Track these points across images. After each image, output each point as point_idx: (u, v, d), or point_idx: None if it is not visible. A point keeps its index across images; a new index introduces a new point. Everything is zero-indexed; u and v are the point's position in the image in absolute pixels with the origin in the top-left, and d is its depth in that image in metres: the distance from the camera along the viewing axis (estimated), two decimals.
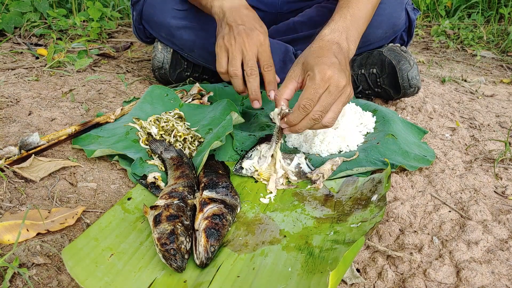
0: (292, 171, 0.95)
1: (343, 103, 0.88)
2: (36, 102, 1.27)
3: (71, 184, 0.90)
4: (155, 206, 0.74)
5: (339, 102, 0.86)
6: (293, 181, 0.93)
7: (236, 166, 0.95)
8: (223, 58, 1.00)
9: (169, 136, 1.05)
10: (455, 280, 0.69)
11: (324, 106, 0.84)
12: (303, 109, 0.84)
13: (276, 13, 1.46)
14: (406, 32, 1.40)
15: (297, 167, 0.96)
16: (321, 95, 0.83)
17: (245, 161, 0.95)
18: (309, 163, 0.97)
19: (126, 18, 2.52)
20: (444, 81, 1.71)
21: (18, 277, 0.65)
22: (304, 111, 0.84)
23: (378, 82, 1.33)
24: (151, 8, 1.34)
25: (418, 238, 0.77)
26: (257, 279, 0.66)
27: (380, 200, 0.80)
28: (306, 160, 0.97)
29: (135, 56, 1.88)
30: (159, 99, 1.22)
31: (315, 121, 0.85)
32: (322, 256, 0.69)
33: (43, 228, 0.75)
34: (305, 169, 0.96)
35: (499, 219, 0.82)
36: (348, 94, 0.87)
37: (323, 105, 0.84)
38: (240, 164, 0.96)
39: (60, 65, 1.62)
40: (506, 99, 1.57)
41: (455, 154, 1.07)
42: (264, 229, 0.78)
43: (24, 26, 2.04)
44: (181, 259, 0.66)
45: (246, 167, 0.94)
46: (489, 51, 2.25)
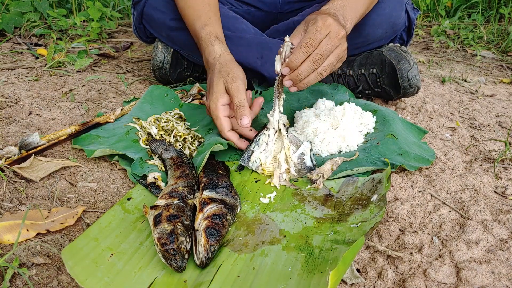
0: (294, 162, 0.94)
1: (338, 56, 0.92)
2: (36, 102, 1.27)
3: (71, 184, 0.90)
4: (155, 206, 0.74)
5: (335, 54, 0.91)
6: (293, 176, 0.93)
7: (244, 156, 0.95)
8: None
9: (169, 136, 1.05)
10: (455, 280, 0.69)
11: (323, 50, 0.88)
12: (305, 48, 0.87)
13: (276, 13, 1.46)
14: (406, 32, 1.40)
15: (300, 158, 0.94)
16: (321, 40, 0.88)
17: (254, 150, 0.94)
18: (313, 156, 0.97)
19: (126, 18, 2.52)
20: (444, 81, 1.71)
21: (18, 277, 0.65)
22: (305, 50, 0.87)
23: (378, 82, 1.33)
24: (152, 8, 1.34)
25: (418, 238, 0.77)
26: (257, 279, 0.66)
27: (380, 200, 0.80)
28: (311, 152, 0.97)
29: (135, 56, 1.88)
30: (159, 99, 1.22)
31: (315, 64, 0.88)
32: (322, 256, 0.69)
33: (43, 228, 0.75)
34: (307, 162, 0.95)
35: (499, 219, 0.82)
36: (344, 49, 0.94)
37: (323, 49, 0.88)
38: (248, 154, 0.95)
39: (60, 65, 1.62)
40: (506, 99, 1.57)
41: (455, 154, 1.07)
42: (264, 229, 0.78)
43: (24, 26, 2.04)
44: (181, 259, 0.66)
45: (254, 158, 0.93)
46: (489, 51, 2.25)
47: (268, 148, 0.95)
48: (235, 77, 0.97)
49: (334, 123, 1.08)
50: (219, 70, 1.00)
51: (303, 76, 0.90)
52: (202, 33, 1.10)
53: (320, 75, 0.91)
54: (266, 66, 1.33)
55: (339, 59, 0.94)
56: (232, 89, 0.95)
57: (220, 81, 0.97)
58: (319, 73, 0.91)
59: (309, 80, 0.92)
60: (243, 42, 1.30)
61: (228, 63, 1.01)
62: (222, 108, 0.96)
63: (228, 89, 0.96)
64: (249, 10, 1.45)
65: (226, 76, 0.97)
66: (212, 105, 0.97)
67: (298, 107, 1.25)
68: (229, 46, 1.30)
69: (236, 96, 0.95)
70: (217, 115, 0.96)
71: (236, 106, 0.94)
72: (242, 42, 1.30)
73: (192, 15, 1.14)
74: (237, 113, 0.94)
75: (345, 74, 1.37)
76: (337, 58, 0.93)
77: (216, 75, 0.99)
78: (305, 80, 0.91)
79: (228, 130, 0.97)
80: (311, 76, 0.91)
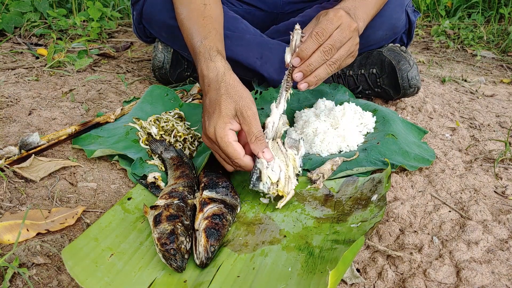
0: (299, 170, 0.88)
1: (349, 50, 0.90)
2: (36, 102, 1.27)
3: (71, 184, 0.90)
4: (155, 206, 0.74)
5: (346, 47, 0.89)
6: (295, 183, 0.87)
7: (253, 178, 0.81)
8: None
9: (169, 136, 1.05)
10: (455, 280, 0.69)
11: (334, 40, 0.87)
12: (316, 37, 0.86)
13: (277, 13, 1.46)
14: (406, 34, 1.40)
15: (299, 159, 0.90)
16: (333, 30, 0.87)
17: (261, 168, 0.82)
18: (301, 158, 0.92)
19: (126, 18, 2.52)
20: (444, 81, 1.71)
21: (18, 277, 0.65)
22: (316, 39, 0.86)
23: (378, 82, 1.33)
24: (151, 8, 1.34)
25: (418, 238, 0.77)
26: (257, 279, 0.66)
27: (380, 200, 0.80)
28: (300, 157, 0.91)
29: (135, 56, 1.88)
30: (159, 99, 1.22)
31: (325, 55, 0.87)
32: (322, 256, 0.69)
33: (43, 228, 0.75)
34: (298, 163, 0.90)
35: (499, 219, 0.82)
36: (356, 43, 0.92)
37: (334, 39, 0.87)
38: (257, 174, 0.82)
39: (60, 65, 1.62)
40: (506, 99, 1.57)
41: (455, 154, 1.07)
42: (264, 229, 0.78)
43: (24, 26, 2.04)
44: (181, 259, 0.66)
45: (265, 179, 0.81)
46: (489, 51, 2.25)
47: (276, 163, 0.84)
48: (250, 103, 0.84)
49: (334, 123, 1.08)
50: (227, 91, 0.86)
51: (313, 67, 0.88)
52: (201, 47, 0.95)
53: (330, 67, 0.89)
54: (266, 66, 1.33)
55: (350, 53, 0.92)
56: (249, 117, 0.83)
57: (230, 104, 0.84)
58: (329, 65, 0.89)
59: (319, 73, 0.89)
60: (242, 42, 1.30)
61: (237, 85, 0.88)
62: (230, 133, 0.83)
63: (244, 116, 0.83)
64: (250, 10, 1.45)
65: (238, 100, 0.84)
66: (219, 131, 0.82)
67: (298, 107, 1.25)
68: (229, 46, 1.30)
69: (255, 125, 0.83)
70: (227, 141, 0.82)
71: (255, 137, 0.83)
72: (241, 42, 1.30)
73: (191, 28, 1.02)
74: (257, 144, 0.83)
75: (345, 74, 1.37)
76: (348, 52, 0.91)
77: (224, 96, 0.85)
78: (315, 72, 0.88)
79: (245, 155, 0.84)
80: (321, 69, 0.89)
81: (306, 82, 0.90)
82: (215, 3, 1.07)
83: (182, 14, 1.06)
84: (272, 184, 0.81)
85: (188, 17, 1.04)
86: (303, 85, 0.90)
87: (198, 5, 1.03)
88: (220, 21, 1.06)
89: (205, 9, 1.03)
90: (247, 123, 0.83)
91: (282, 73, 1.35)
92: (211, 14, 1.02)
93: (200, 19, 1.01)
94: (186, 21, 1.03)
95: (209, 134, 0.85)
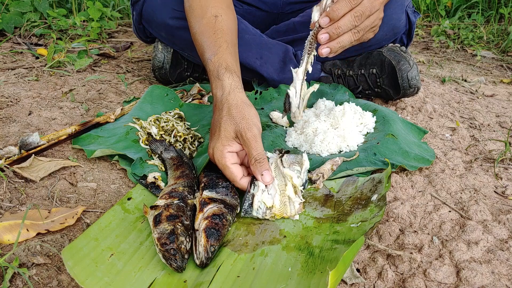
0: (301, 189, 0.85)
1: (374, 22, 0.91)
2: (36, 102, 1.28)
3: (71, 184, 0.90)
4: (155, 206, 0.74)
5: (373, 18, 0.90)
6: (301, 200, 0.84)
7: (245, 205, 0.79)
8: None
9: (169, 136, 1.05)
10: (455, 280, 0.69)
11: (365, 8, 0.87)
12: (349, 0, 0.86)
13: (277, 13, 1.46)
14: (406, 35, 1.40)
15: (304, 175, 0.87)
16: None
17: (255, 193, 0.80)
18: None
19: (126, 18, 2.52)
20: (444, 81, 1.71)
21: (18, 277, 0.65)
22: (349, 2, 0.85)
23: (378, 82, 1.33)
24: (151, 8, 1.34)
25: (418, 238, 0.77)
26: (257, 279, 0.66)
27: (380, 200, 0.80)
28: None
29: (135, 56, 1.88)
30: (159, 99, 1.22)
31: (356, 20, 0.86)
32: (322, 256, 0.69)
33: (43, 228, 0.75)
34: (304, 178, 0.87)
35: (499, 219, 0.82)
36: (381, 17, 0.93)
37: (365, 7, 0.87)
38: (249, 201, 0.79)
39: (60, 65, 1.62)
40: (506, 99, 1.57)
41: (455, 154, 1.07)
42: (264, 229, 0.78)
43: (24, 26, 2.04)
44: (181, 259, 0.66)
45: (256, 205, 0.79)
46: (489, 51, 2.25)
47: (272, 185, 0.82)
48: (251, 124, 0.83)
49: (334, 123, 1.08)
50: (229, 112, 0.85)
51: (341, 30, 0.86)
52: (210, 64, 0.94)
53: (354, 35, 0.88)
54: (266, 66, 1.33)
55: (373, 26, 0.91)
56: (249, 139, 0.82)
57: (230, 126, 0.84)
58: (354, 33, 0.88)
59: (343, 40, 0.87)
60: (242, 42, 1.30)
61: (241, 105, 0.86)
62: (228, 155, 0.83)
63: (243, 138, 0.82)
64: (250, 10, 1.45)
65: (239, 121, 0.83)
66: (217, 153, 0.83)
67: None
68: None
69: (254, 148, 0.81)
70: (224, 164, 0.83)
71: (255, 159, 0.81)
72: (241, 42, 1.30)
73: (203, 43, 0.99)
74: (256, 167, 0.81)
75: (345, 74, 1.37)
76: (373, 24, 0.90)
77: (225, 117, 0.85)
78: (340, 38, 0.86)
79: (241, 178, 0.83)
80: (346, 36, 0.87)
81: (329, 47, 0.87)
82: (227, 13, 1.04)
83: (194, 28, 1.03)
84: (268, 209, 0.79)
85: (200, 31, 1.01)
86: (325, 49, 0.87)
87: (209, 19, 1.00)
88: (233, 31, 1.03)
89: (216, 22, 1.00)
90: (247, 145, 0.82)
91: (281, 73, 1.35)
92: (222, 27, 1.00)
93: (211, 34, 0.98)
94: (198, 36, 1.01)
95: (209, 154, 0.86)
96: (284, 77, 1.35)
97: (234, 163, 0.84)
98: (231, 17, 1.06)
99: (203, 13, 1.02)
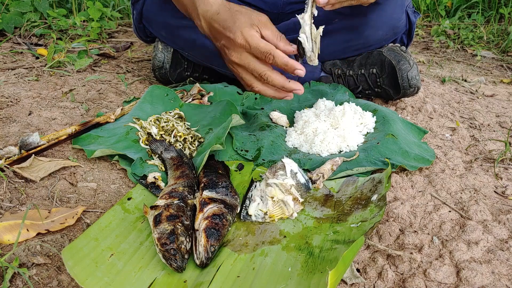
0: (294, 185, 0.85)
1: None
2: (36, 102, 1.27)
3: (71, 184, 0.90)
4: (155, 206, 0.74)
5: None
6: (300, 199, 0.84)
7: (243, 213, 0.82)
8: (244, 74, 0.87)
9: (169, 136, 1.05)
10: (455, 280, 0.69)
11: None
12: None
13: (277, 13, 1.46)
14: (406, 35, 1.40)
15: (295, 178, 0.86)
16: None
17: (250, 205, 0.82)
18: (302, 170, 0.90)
19: (126, 18, 2.52)
20: (444, 81, 1.71)
21: (18, 277, 0.65)
22: None
23: (378, 82, 1.33)
24: (151, 7, 1.34)
25: (418, 238, 0.77)
26: (257, 279, 0.66)
27: (380, 200, 0.80)
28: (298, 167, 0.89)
29: (135, 56, 1.88)
30: (159, 99, 1.22)
31: None
32: (322, 256, 0.69)
33: (43, 228, 0.75)
34: (301, 179, 0.87)
35: (499, 219, 0.82)
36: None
37: None
38: (246, 210, 0.82)
39: (60, 65, 1.62)
40: (506, 99, 1.57)
41: (455, 154, 1.07)
42: (264, 229, 0.78)
43: (24, 26, 2.04)
44: (181, 259, 0.66)
45: (254, 213, 0.81)
46: (489, 51, 2.25)
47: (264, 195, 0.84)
48: (265, 20, 0.82)
49: (334, 123, 1.08)
50: (239, 9, 0.84)
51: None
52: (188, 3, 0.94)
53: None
54: None
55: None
56: (267, 22, 0.80)
57: (245, 17, 0.82)
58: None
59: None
60: None
61: (243, 7, 0.85)
62: (258, 34, 0.81)
63: (261, 22, 0.81)
64: None
65: (250, 14, 0.82)
66: (246, 32, 0.80)
67: (298, 107, 1.25)
68: None
69: (274, 28, 0.81)
70: (258, 38, 0.80)
71: (279, 35, 0.81)
72: None
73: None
74: (284, 41, 0.80)
75: (345, 74, 1.37)
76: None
77: (238, 12, 0.83)
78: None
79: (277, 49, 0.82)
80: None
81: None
82: None
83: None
84: (265, 214, 0.81)
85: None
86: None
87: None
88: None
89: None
90: (267, 27, 0.82)
91: (283, 73, 1.35)
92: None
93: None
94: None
95: (238, 40, 0.83)
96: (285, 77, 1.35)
97: None
98: None
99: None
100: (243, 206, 0.83)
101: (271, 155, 1.01)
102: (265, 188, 0.84)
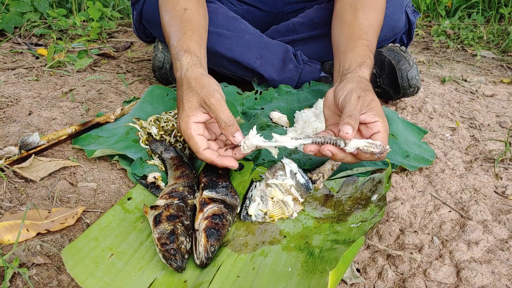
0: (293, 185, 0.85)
1: None
2: (36, 102, 1.28)
3: (71, 184, 0.90)
4: (155, 206, 0.74)
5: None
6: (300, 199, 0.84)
7: (243, 213, 0.82)
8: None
9: (169, 136, 1.05)
10: (455, 280, 0.69)
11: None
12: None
13: (277, 13, 1.46)
14: (406, 35, 1.40)
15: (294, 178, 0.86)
16: None
17: (250, 205, 0.82)
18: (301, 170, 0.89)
19: (126, 18, 2.52)
20: (444, 81, 1.71)
21: (18, 277, 0.65)
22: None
23: (377, 82, 1.33)
24: (151, 7, 1.34)
25: (418, 238, 0.77)
26: (257, 279, 0.66)
27: (380, 200, 0.80)
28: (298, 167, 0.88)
29: (135, 56, 1.88)
30: (159, 99, 1.22)
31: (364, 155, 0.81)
32: (322, 256, 0.69)
33: (43, 228, 0.75)
34: (300, 179, 0.87)
35: (499, 219, 0.82)
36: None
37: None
38: (246, 210, 0.82)
39: (60, 65, 1.62)
40: (506, 99, 1.57)
41: (455, 154, 1.07)
42: (264, 229, 0.78)
43: (24, 26, 2.04)
44: (181, 259, 0.66)
45: (254, 213, 0.81)
46: (489, 51, 2.25)
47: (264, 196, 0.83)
48: (212, 91, 0.84)
49: None
50: (189, 85, 0.87)
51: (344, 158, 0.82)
52: (172, 49, 0.97)
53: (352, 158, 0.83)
54: (266, 66, 1.33)
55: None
56: (214, 104, 0.83)
57: (192, 97, 0.85)
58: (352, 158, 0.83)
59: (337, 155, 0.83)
60: (242, 42, 1.30)
61: (200, 77, 0.88)
62: (194, 126, 0.84)
63: (208, 105, 0.83)
64: (250, 10, 1.45)
65: (200, 90, 0.85)
66: (182, 124, 0.84)
67: (298, 107, 1.25)
68: (228, 46, 1.30)
69: (221, 111, 0.82)
70: (189, 134, 0.83)
71: (224, 123, 0.82)
72: (241, 42, 1.30)
73: (170, 32, 1.03)
74: (227, 130, 0.82)
75: None
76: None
77: (186, 91, 0.87)
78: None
79: (204, 149, 0.84)
80: (348, 157, 0.82)
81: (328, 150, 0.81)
82: (197, 7, 1.08)
83: (164, 19, 1.08)
84: (265, 214, 0.81)
85: (169, 23, 1.05)
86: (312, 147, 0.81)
87: (179, 11, 1.05)
88: (200, 22, 1.06)
89: (185, 13, 1.04)
90: (213, 111, 0.83)
91: (282, 73, 1.35)
92: (190, 18, 1.04)
93: (178, 23, 1.02)
94: (167, 26, 1.06)
95: (177, 128, 0.88)
96: (284, 77, 1.35)
97: (200, 134, 0.85)
98: (200, 11, 1.09)
99: (174, 6, 1.07)
100: (243, 206, 0.83)
101: (271, 155, 1.01)
102: (265, 188, 0.84)
